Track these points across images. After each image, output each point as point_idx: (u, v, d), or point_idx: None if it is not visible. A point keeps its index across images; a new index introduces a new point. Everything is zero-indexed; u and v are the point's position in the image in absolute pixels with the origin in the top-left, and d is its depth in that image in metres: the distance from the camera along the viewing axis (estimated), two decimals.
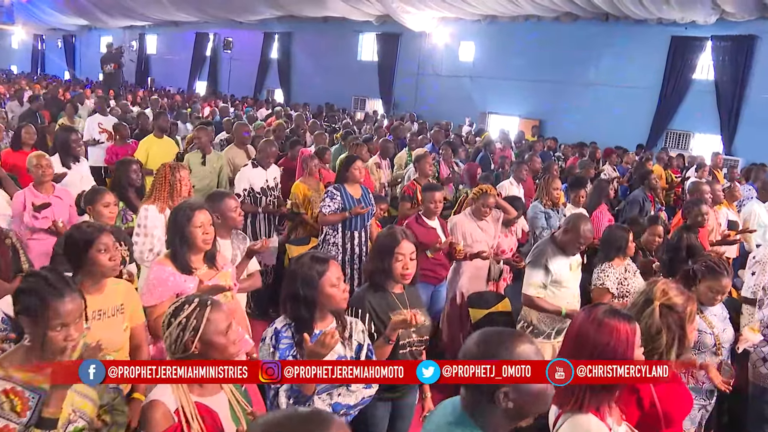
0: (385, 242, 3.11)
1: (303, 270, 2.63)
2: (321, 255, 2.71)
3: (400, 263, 3.09)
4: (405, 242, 3.11)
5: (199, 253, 3.31)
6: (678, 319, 2.64)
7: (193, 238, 3.24)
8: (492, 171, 9.30)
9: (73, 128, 6.02)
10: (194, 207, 3.30)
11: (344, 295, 2.69)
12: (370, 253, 3.19)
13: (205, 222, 3.28)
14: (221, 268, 3.41)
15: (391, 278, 3.11)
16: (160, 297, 3.17)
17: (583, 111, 16.11)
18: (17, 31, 34.60)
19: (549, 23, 16.84)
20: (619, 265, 4.50)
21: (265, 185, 6.31)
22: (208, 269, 3.35)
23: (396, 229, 3.20)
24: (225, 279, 3.30)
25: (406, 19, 18.65)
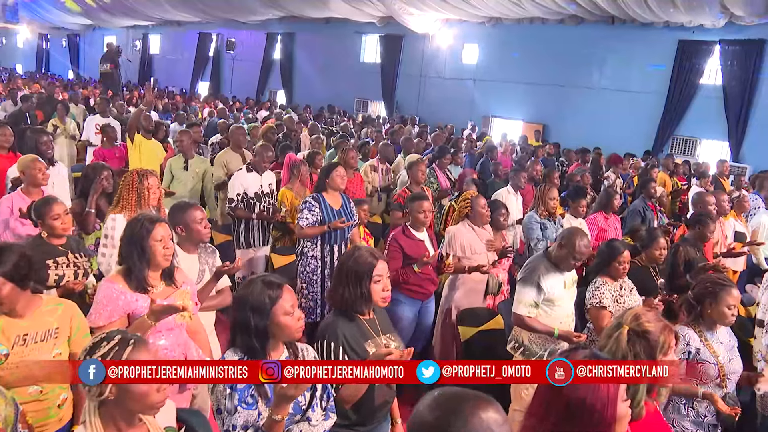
0: (358, 266, 2.83)
1: (253, 297, 2.37)
2: (273, 279, 2.44)
3: (380, 285, 2.85)
4: (380, 263, 2.87)
5: (157, 270, 3.07)
6: (648, 348, 2.37)
7: (152, 253, 2.99)
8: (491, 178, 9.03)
9: (44, 130, 5.74)
10: (154, 220, 3.06)
11: (299, 324, 2.42)
12: (336, 279, 2.88)
13: (165, 236, 3.04)
14: (180, 285, 3.16)
15: (366, 303, 2.85)
16: (109, 317, 2.91)
17: (587, 115, 15.81)
18: (22, 30, 34.71)
19: (553, 26, 16.53)
20: (613, 282, 4.22)
21: (260, 191, 6.07)
22: (166, 287, 3.10)
23: (362, 250, 2.92)
24: (184, 297, 3.04)
25: (409, 21, 18.40)
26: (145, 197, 4.12)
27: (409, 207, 4.78)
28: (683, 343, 3.33)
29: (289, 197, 6.35)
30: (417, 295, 4.70)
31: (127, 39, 31.63)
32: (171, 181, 6.51)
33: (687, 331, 3.39)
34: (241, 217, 5.96)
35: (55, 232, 3.68)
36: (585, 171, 8.73)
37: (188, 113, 14.41)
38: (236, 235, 6.07)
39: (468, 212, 5.09)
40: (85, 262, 3.78)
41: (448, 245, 4.99)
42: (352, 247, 2.99)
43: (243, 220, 6.00)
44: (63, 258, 3.66)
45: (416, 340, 4.88)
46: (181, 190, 6.48)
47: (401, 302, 4.67)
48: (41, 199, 3.86)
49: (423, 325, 4.86)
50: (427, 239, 4.80)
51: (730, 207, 6.85)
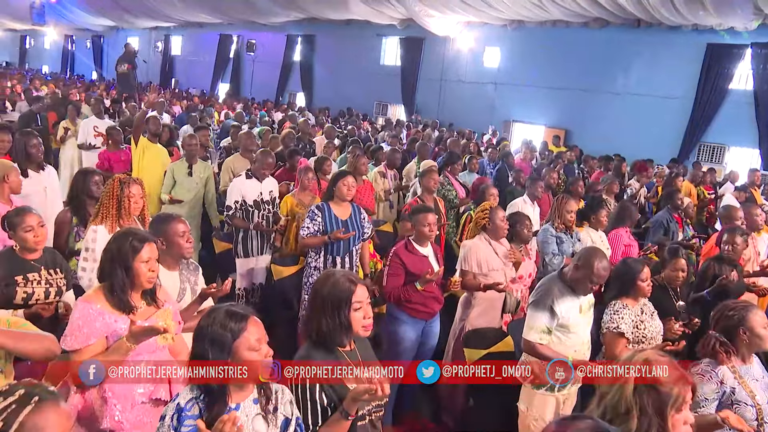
0: (335, 293, 2.52)
1: (213, 328, 2.08)
2: (238, 309, 2.16)
3: (360, 312, 2.54)
4: (359, 288, 2.55)
5: (139, 290, 2.85)
6: (657, 402, 2.05)
7: (137, 274, 2.77)
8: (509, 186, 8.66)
9: (33, 132, 5.49)
10: (143, 239, 2.85)
11: (266, 362, 2.13)
12: (310, 307, 2.58)
13: (152, 257, 2.84)
14: (162, 305, 2.92)
15: (346, 333, 2.54)
16: (86, 340, 2.65)
17: (611, 121, 15.35)
18: (49, 32, 35.11)
19: (577, 29, 16.10)
20: (634, 304, 3.87)
21: (259, 198, 5.78)
22: (147, 306, 2.87)
23: (338, 275, 2.60)
24: (165, 317, 2.78)
25: (430, 23, 18.08)
26: (126, 206, 3.85)
27: (413, 220, 4.46)
28: (716, 382, 2.99)
29: (289, 204, 6.06)
30: (420, 315, 4.38)
31: (149, 40, 31.81)
32: (173, 187, 6.25)
33: (719, 368, 3.04)
34: (239, 226, 5.69)
35: (28, 245, 3.40)
36: (613, 180, 8.29)
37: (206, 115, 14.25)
38: (234, 243, 5.81)
39: (486, 224, 4.76)
40: (60, 278, 3.49)
41: (464, 261, 4.65)
42: (325, 271, 2.68)
43: (241, 229, 5.72)
44: (34, 274, 3.38)
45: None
46: (183, 197, 6.22)
47: (403, 322, 4.36)
48: (14, 209, 3.61)
49: (426, 346, 4.53)
50: (431, 254, 4.48)
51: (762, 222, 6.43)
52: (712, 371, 3.05)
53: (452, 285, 4.38)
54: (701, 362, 3.15)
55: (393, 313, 4.41)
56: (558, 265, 5.35)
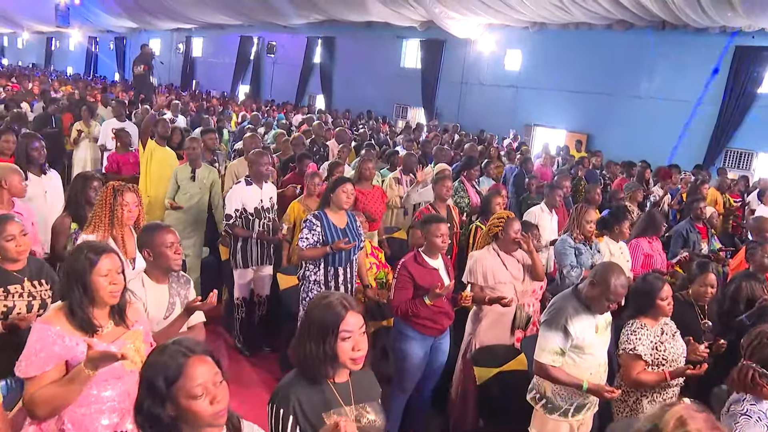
0: (324, 317, 2.26)
1: (148, 372, 1.85)
2: (181, 347, 1.87)
3: (349, 343, 2.25)
4: (350, 315, 2.27)
5: (103, 308, 2.62)
6: None
7: (96, 289, 2.55)
8: (526, 193, 8.42)
9: (36, 135, 5.37)
10: (99, 250, 2.61)
11: (214, 409, 1.85)
12: (300, 329, 2.35)
13: (113, 269, 2.60)
14: (132, 324, 2.70)
15: (331, 364, 2.27)
16: (42, 366, 2.45)
17: (634, 126, 14.98)
18: (73, 34, 35.61)
19: (600, 32, 15.75)
20: (653, 324, 3.62)
21: (259, 206, 5.55)
22: (115, 326, 2.65)
23: (332, 297, 2.32)
24: (135, 339, 2.58)
25: (450, 26, 17.85)
26: (119, 215, 3.66)
27: (423, 230, 4.23)
28: (765, 424, 2.76)
29: (296, 211, 5.87)
30: (429, 331, 4.15)
31: (171, 42, 32.00)
32: (176, 192, 6.09)
33: (763, 405, 2.80)
34: (240, 235, 5.45)
35: (9, 255, 3.19)
36: (637, 187, 7.99)
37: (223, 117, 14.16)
38: (233, 253, 5.57)
39: (498, 233, 4.53)
40: (45, 290, 3.31)
41: (470, 273, 4.42)
42: (323, 292, 2.44)
43: (241, 238, 5.50)
44: (16, 286, 3.18)
45: (427, 379, 4.35)
46: (186, 202, 6.06)
47: (411, 338, 4.14)
48: None
49: (435, 363, 4.31)
50: (442, 267, 4.24)
51: None
52: (760, 411, 2.79)
53: (463, 300, 4.15)
54: (741, 399, 2.90)
55: (400, 329, 4.19)
56: (576, 278, 5.11)
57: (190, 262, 6.18)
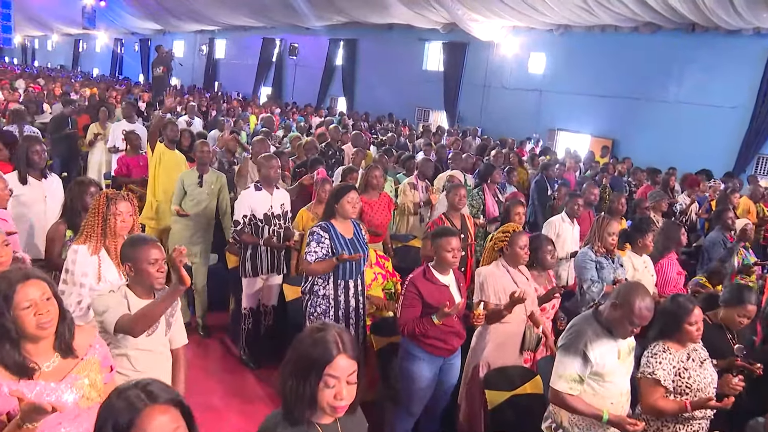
0: (309, 353, 1.98)
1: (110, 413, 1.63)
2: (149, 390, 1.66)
3: (331, 391, 1.95)
4: (341, 358, 1.97)
5: (37, 341, 2.29)
6: None
7: (21, 325, 2.22)
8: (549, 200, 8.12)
9: (37, 138, 5.22)
10: (14, 280, 2.25)
11: None
12: (286, 359, 2.08)
13: (36, 298, 2.25)
14: (84, 354, 2.41)
15: (309, 407, 1.99)
16: None
17: (661, 131, 14.55)
18: (100, 36, 36.00)
19: (627, 34, 15.35)
20: (678, 349, 3.32)
21: (269, 212, 5.33)
22: (63, 360, 2.35)
23: (328, 331, 2.02)
24: (89, 370, 2.35)
25: (474, 28, 17.58)
26: (111, 225, 3.44)
27: (433, 243, 3.96)
28: None
29: (305, 219, 5.65)
30: (438, 352, 3.89)
31: (194, 44, 32.15)
32: (183, 198, 5.90)
33: None
34: (248, 242, 5.25)
35: None
36: (662, 197, 7.61)
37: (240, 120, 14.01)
38: (242, 261, 5.36)
39: (503, 247, 4.25)
40: None
41: (480, 291, 4.14)
42: (320, 323, 2.14)
43: (250, 246, 5.30)
44: None
45: (436, 401, 4.09)
46: (192, 209, 5.85)
47: (419, 359, 3.88)
48: None
49: (445, 384, 4.05)
50: (453, 283, 3.98)
51: None
52: None
53: (476, 319, 3.84)
54: None
55: (408, 349, 3.94)
56: (597, 294, 4.83)
57: (196, 269, 6.00)
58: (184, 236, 5.91)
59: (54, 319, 2.30)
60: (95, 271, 3.40)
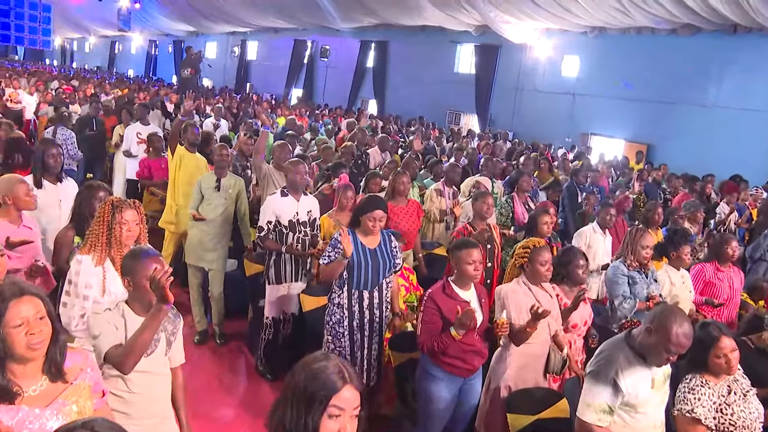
0: (311, 384, 1.82)
1: None
2: None
3: (335, 423, 1.80)
4: (347, 389, 1.82)
5: (25, 362, 2.14)
6: None
7: (10, 344, 2.08)
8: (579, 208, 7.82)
9: (53, 141, 5.12)
10: (8, 295, 2.10)
11: None
12: (283, 390, 1.89)
13: (29, 316, 2.10)
14: (74, 380, 2.24)
15: None
16: None
17: (698, 136, 14.06)
18: (135, 38, 36.54)
19: (664, 37, 14.90)
20: (716, 381, 3.05)
21: (294, 218, 5.16)
22: (51, 384, 2.18)
23: (329, 361, 1.86)
24: (78, 396, 2.18)
25: (506, 30, 17.28)
26: (116, 234, 3.29)
27: (453, 256, 3.74)
28: None
29: (326, 226, 5.47)
30: (458, 371, 3.67)
31: (226, 45, 32.34)
32: (200, 202, 5.75)
33: None
34: (271, 248, 5.10)
35: None
36: (697, 207, 7.25)
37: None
38: (266, 268, 5.23)
39: (524, 264, 4.01)
40: None
41: (500, 310, 3.89)
42: (319, 353, 1.95)
43: (274, 252, 5.15)
44: None
45: (456, 423, 3.86)
46: (209, 214, 5.71)
47: (437, 379, 3.66)
48: None
49: (465, 406, 3.81)
50: (475, 299, 3.75)
51: None
52: None
53: (500, 329, 3.58)
54: None
55: (427, 368, 3.72)
56: (629, 311, 4.56)
57: (213, 276, 5.87)
58: (202, 240, 5.78)
59: (46, 340, 2.15)
60: (100, 283, 3.26)
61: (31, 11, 28.78)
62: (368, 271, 4.21)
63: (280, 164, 6.16)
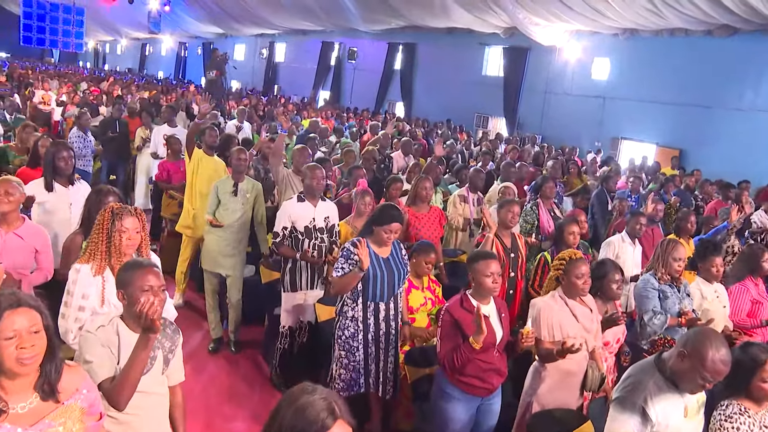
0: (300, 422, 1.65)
1: None
2: None
3: None
4: (339, 426, 1.68)
5: (14, 378, 2.01)
6: None
7: None
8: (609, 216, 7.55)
9: (63, 143, 5.03)
10: (2, 305, 1.99)
11: None
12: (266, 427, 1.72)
13: (22, 329, 1.98)
14: (66, 399, 2.10)
15: None
16: None
17: (734, 141, 13.59)
18: (165, 40, 36.95)
19: (699, 38, 14.46)
20: (758, 410, 2.82)
21: (311, 225, 5.01)
22: (41, 402, 2.05)
23: (316, 395, 1.71)
24: (68, 417, 2.03)
25: (535, 32, 16.99)
26: (116, 243, 3.14)
27: (470, 269, 3.54)
28: None
29: (343, 233, 5.30)
30: (476, 391, 3.46)
31: (255, 47, 32.49)
32: (217, 207, 5.63)
33: None
34: (286, 255, 4.96)
35: None
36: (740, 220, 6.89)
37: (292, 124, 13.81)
38: (281, 275, 5.08)
39: (560, 276, 3.80)
40: None
41: (533, 323, 3.69)
42: (302, 386, 1.79)
43: (290, 259, 5.00)
44: None
45: None
46: (226, 219, 5.58)
47: (454, 398, 3.47)
48: None
49: (483, 427, 3.59)
50: (494, 313, 3.54)
51: None
52: None
53: (525, 339, 3.38)
54: None
55: (443, 386, 3.52)
56: (660, 327, 4.32)
57: (231, 283, 5.74)
58: (219, 246, 5.65)
59: (38, 356, 2.02)
60: (98, 294, 3.11)
61: (65, 15, 29.38)
62: (384, 281, 4.04)
63: (299, 168, 6.01)
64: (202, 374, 5.34)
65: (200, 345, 5.88)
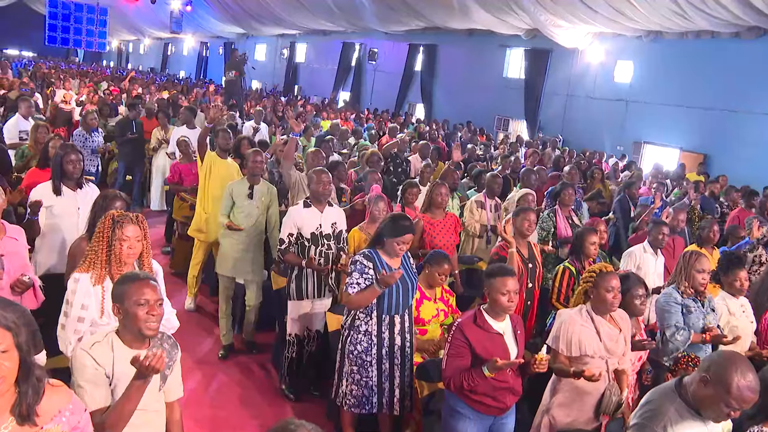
0: None
1: None
2: None
3: None
4: None
5: None
6: None
7: None
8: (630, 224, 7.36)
9: (72, 146, 4.95)
10: None
11: None
12: None
13: None
14: (44, 423, 1.97)
15: None
16: None
17: (761, 146, 13.25)
18: (186, 40, 37.21)
19: (725, 40, 14.13)
20: None
21: (317, 231, 4.88)
22: (18, 426, 1.92)
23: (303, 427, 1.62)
24: None
25: (557, 34, 16.77)
26: (116, 251, 3.06)
27: (486, 285, 3.40)
28: None
29: (356, 240, 5.18)
30: (488, 410, 3.33)
31: (275, 47, 32.53)
32: (231, 209, 5.53)
33: None
34: (291, 262, 4.84)
35: None
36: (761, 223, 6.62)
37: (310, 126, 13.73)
38: (287, 282, 4.97)
39: (589, 290, 3.65)
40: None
41: (555, 338, 3.55)
42: (289, 419, 1.68)
43: (296, 267, 4.88)
44: None
45: None
46: (241, 222, 5.47)
47: (465, 417, 3.34)
48: None
49: None
50: (509, 331, 3.40)
51: None
52: None
53: (537, 365, 3.24)
54: None
55: (453, 404, 3.40)
56: (682, 343, 4.14)
57: (248, 287, 5.69)
58: (236, 249, 5.55)
59: (6, 377, 1.87)
60: (98, 304, 3.03)
61: (88, 15, 29.74)
62: (398, 294, 3.92)
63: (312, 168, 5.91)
64: (212, 382, 5.25)
65: (210, 351, 5.79)
